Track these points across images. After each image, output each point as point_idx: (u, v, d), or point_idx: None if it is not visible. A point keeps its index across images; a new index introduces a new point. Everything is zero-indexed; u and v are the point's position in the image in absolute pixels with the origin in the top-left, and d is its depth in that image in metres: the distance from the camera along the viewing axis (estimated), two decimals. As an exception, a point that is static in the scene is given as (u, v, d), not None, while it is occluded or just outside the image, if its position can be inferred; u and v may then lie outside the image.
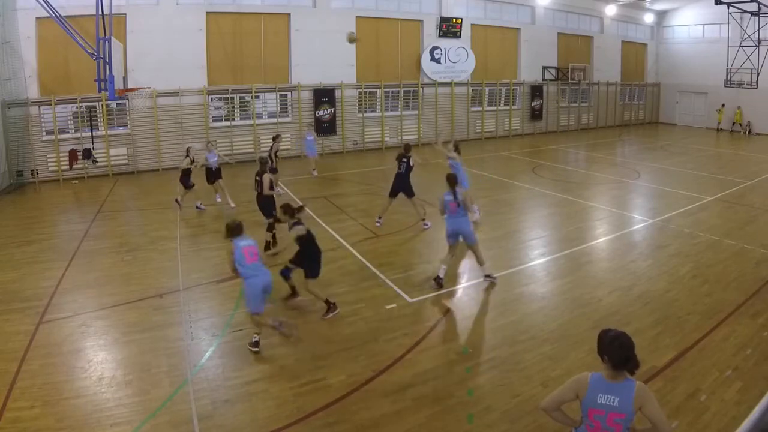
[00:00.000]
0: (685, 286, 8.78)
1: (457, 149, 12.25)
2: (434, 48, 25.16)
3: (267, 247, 10.56)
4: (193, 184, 13.61)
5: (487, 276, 8.95)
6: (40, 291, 8.65)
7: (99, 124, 18.25)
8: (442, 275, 8.75)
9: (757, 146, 25.64)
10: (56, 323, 7.60)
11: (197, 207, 13.64)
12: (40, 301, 8.28)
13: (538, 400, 5.65)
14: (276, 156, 14.83)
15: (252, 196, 11.36)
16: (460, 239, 8.80)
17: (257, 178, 10.77)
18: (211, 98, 20.42)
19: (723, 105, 31.14)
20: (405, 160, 11.78)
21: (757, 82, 27.28)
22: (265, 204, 10.79)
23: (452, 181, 8.72)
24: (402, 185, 11.85)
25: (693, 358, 6.53)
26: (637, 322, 7.43)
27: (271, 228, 10.60)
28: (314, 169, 18.27)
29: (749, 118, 30.41)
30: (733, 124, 31.15)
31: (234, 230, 6.66)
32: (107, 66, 12.88)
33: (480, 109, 27.43)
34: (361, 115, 23.72)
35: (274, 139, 15.30)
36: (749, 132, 30.27)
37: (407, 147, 12.10)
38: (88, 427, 5.32)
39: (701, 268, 9.55)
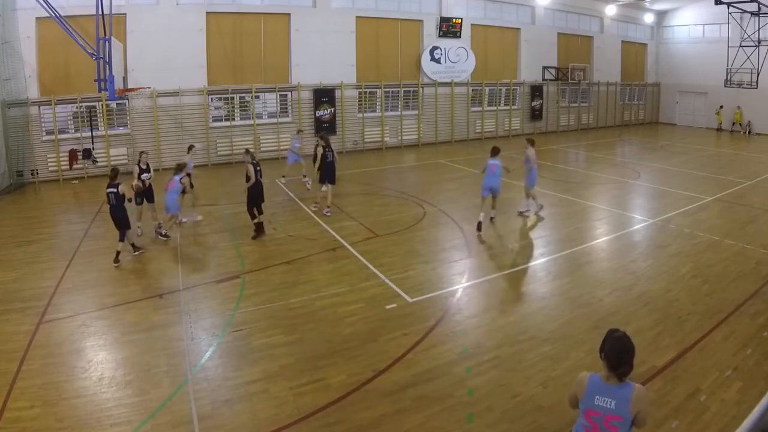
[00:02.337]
0: (685, 286, 8.80)
1: (531, 142, 13.10)
2: (434, 48, 25.17)
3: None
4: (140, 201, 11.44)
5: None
6: (40, 291, 8.67)
7: (99, 124, 18.26)
8: (482, 219, 11.61)
9: (757, 146, 25.64)
10: (56, 323, 7.61)
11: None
12: (40, 301, 8.30)
13: (538, 401, 5.70)
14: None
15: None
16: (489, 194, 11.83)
17: (258, 167, 11.19)
18: (211, 98, 20.43)
19: (721, 106, 31.14)
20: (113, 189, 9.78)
21: (757, 82, 27.29)
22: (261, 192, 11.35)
23: (496, 151, 11.91)
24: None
25: (693, 358, 6.54)
26: (637, 322, 7.44)
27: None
28: (284, 176, 17.00)
29: (749, 118, 30.43)
30: (733, 124, 31.18)
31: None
32: (107, 66, 12.89)
33: (480, 109, 27.45)
34: (361, 115, 23.74)
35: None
36: (749, 132, 30.29)
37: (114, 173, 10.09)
38: (88, 427, 5.32)
39: (701, 268, 9.57)
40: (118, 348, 6.95)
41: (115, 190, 9.73)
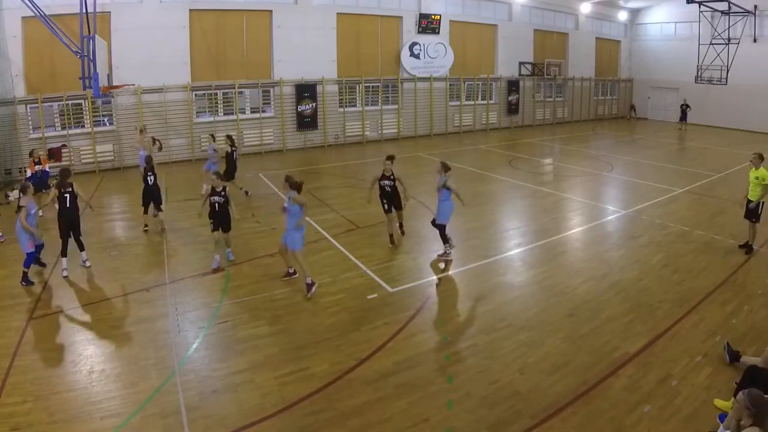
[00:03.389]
0: (657, 275, 9.09)
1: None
2: (413, 44, 25.34)
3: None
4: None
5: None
6: (29, 288, 8.64)
7: (85, 122, 18.13)
8: None
9: (725, 140, 26.03)
10: (46, 319, 7.62)
11: None
12: (29, 297, 8.30)
13: (515, 386, 5.92)
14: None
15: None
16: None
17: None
18: (194, 94, 20.30)
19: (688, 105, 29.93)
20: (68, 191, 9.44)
21: (726, 78, 27.93)
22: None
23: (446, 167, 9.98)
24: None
25: (664, 344, 6.80)
26: (610, 310, 7.72)
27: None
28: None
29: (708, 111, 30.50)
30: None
31: None
32: (92, 64, 12.81)
33: (458, 103, 27.70)
34: (342, 109, 23.83)
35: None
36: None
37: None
38: (79, 421, 5.38)
39: (672, 258, 9.88)
40: (106, 342, 7.00)
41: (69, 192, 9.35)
